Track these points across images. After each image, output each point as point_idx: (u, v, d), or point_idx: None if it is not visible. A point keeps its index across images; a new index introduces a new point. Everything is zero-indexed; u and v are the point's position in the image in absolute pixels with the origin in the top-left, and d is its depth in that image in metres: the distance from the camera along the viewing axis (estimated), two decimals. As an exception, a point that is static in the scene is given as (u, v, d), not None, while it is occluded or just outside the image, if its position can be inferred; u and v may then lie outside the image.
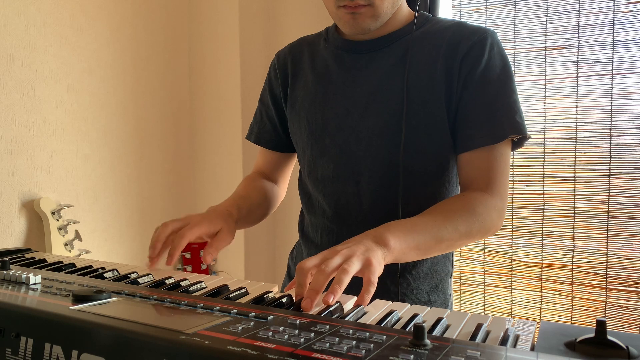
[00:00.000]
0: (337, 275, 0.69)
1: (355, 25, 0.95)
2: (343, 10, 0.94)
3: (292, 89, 1.10)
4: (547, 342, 0.51)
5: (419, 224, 0.85)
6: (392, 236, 0.79)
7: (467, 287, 2.22)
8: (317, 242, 1.07)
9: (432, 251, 0.88)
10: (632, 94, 1.89)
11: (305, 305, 0.66)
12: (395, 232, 0.80)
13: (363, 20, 0.94)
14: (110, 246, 2.17)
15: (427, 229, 0.85)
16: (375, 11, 0.94)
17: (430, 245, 0.85)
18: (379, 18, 0.95)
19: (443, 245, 0.87)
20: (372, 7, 0.93)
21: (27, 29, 1.84)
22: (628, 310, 1.93)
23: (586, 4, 1.95)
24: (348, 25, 0.96)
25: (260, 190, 1.15)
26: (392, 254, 0.78)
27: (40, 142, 1.89)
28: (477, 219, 0.89)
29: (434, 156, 0.97)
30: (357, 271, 0.71)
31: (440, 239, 0.86)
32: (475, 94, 0.94)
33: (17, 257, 0.98)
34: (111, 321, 0.56)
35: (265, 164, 1.21)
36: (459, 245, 0.91)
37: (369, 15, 0.94)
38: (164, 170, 2.41)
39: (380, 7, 0.93)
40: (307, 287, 0.69)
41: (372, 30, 0.97)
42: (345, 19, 0.95)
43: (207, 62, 2.48)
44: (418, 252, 0.84)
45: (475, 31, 0.96)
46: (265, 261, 2.53)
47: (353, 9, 0.93)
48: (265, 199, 1.15)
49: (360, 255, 0.72)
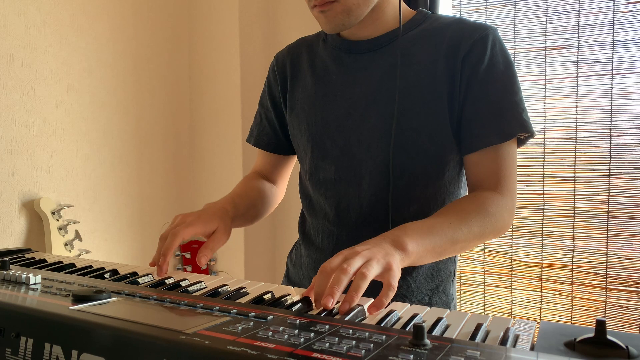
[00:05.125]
0: (355, 281, 0.68)
1: (328, 22, 0.94)
2: (315, 10, 0.94)
3: (291, 91, 1.09)
4: (546, 342, 0.51)
5: (435, 226, 0.84)
6: (410, 240, 0.78)
7: (467, 287, 2.22)
8: (319, 244, 1.06)
9: (446, 253, 0.87)
10: (632, 94, 1.89)
11: (326, 302, 0.65)
12: (412, 235, 0.80)
13: (335, 17, 0.93)
14: (110, 246, 2.17)
15: (443, 230, 0.84)
16: (344, 5, 0.92)
17: (446, 248, 0.85)
18: (352, 12, 0.93)
19: (457, 247, 0.87)
20: (339, 2, 0.92)
21: (27, 29, 1.84)
22: (628, 310, 1.93)
23: (586, 4, 1.95)
24: (323, 24, 0.96)
25: (257, 189, 1.14)
26: (409, 258, 0.78)
27: (40, 142, 1.89)
28: (490, 220, 0.89)
29: (435, 157, 0.96)
30: (377, 275, 0.71)
31: (456, 240, 0.85)
32: (480, 93, 0.93)
33: (17, 257, 0.98)
34: (111, 321, 0.56)
35: (264, 165, 1.20)
36: (472, 246, 0.91)
37: (339, 11, 0.92)
38: (164, 170, 2.41)
39: (348, 1, 0.92)
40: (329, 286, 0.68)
41: (349, 26, 0.95)
42: (320, 18, 0.95)
43: (207, 62, 2.48)
44: (434, 254, 0.84)
45: (476, 28, 0.95)
46: (265, 261, 2.53)
47: (321, 7, 0.93)
48: (262, 198, 1.15)
49: (381, 259, 0.72)
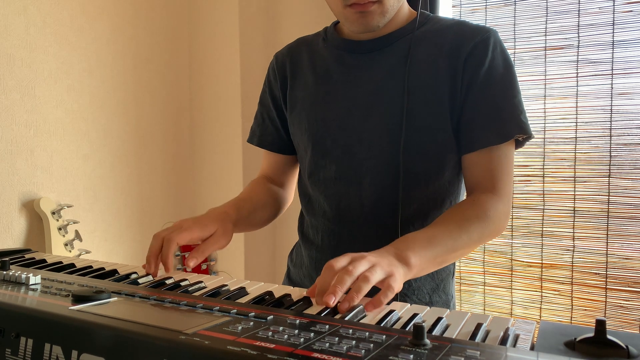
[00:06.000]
0: (358, 282, 0.69)
1: (365, 23, 0.95)
2: (351, 9, 0.93)
3: (291, 90, 1.09)
4: (546, 341, 0.51)
5: (436, 237, 0.86)
6: (413, 254, 0.80)
7: (467, 287, 2.22)
8: (318, 244, 1.06)
9: (446, 262, 0.90)
10: (632, 94, 1.89)
11: (328, 299, 0.66)
12: (414, 249, 0.81)
13: (372, 18, 0.94)
14: (110, 246, 2.17)
15: (444, 240, 0.86)
16: (384, 8, 0.93)
17: (446, 258, 0.87)
18: (387, 14, 0.95)
19: (457, 254, 0.89)
20: (381, 3, 0.93)
21: (27, 29, 1.84)
22: (628, 310, 1.93)
23: (586, 4, 1.94)
24: (356, 24, 0.95)
25: (264, 193, 1.13)
26: (412, 272, 0.79)
27: (40, 142, 1.89)
28: (488, 224, 0.90)
29: (436, 157, 0.97)
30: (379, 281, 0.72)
31: (455, 249, 0.87)
32: (480, 94, 0.94)
33: (17, 258, 0.98)
34: (111, 321, 0.56)
35: (270, 168, 1.19)
36: (470, 251, 0.93)
37: (378, 12, 0.94)
38: (164, 170, 2.41)
39: (388, 3, 0.93)
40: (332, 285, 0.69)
41: (380, 28, 0.97)
42: (354, 17, 0.94)
43: (207, 62, 2.48)
44: (435, 264, 0.86)
45: (477, 31, 0.96)
46: (265, 261, 2.53)
47: (363, 7, 0.93)
48: (269, 201, 1.13)
49: (385, 267, 0.74)
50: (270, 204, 1.14)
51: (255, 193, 1.12)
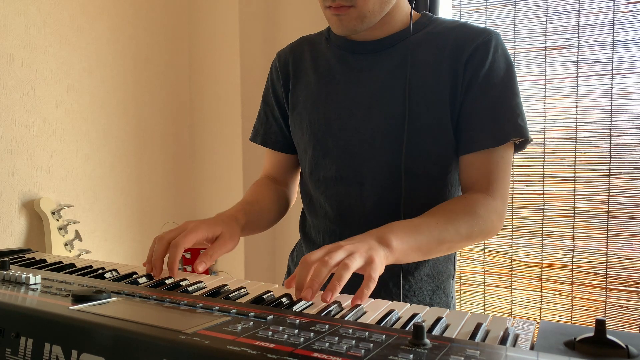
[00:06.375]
0: (338, 270, 0.69)
1: (342, 26, 0.94)
2: (329, 11, 0.94)
3: (293, 88, 1.09)
4: (546, 341, 0.51)
5: (422, 225, 0.85)
6: (395, 237, 0.79)
7: (467, 287, 2.22)
8: (319, 244, 1.06)
9: (433, 253, 0.88)
10: (632, 94, 1.89)
11: (306, 294, 0.67)
12: (397, 233, 0.80)
13: (349, 22, 0.93)
14: (110, 246, 2.17)
15: (429, 230, 0.85)
16: (360, 12, 0.92)
17: (432, 247, 0.86)
18: (365, 19, 0.94)
19: (444, 247, 0.88)
20: (356, 8, 0.92)
21: (27, 29, 1.85)
22: (628, 310, 1.93)
23: (586, 4, 1.95)
24: (334, 26, 0.96)
25: (270, 194, 1.12)
26: (393, 254, 0.79)
27: (40, 142, 1.89)
28: (478, 222, 0.90)
29: (437, 158, 0.97)
30: (359, 268, 0.71)
31: (442, 240, 0.86)
32: (479, 96, 0.94)
33: (17, 257, 0.98)
34: (111, 321, 0.56)
35: (273, 167, 1.18)
36: (459, 247, 0.92)
37: (354, 16, 0.93)
38: (164, 170, 2.41)
39: (365, 8, 0.92)
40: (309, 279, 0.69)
41: (360, 31, 0.96)
42: (332, 20, 0.95)
43: (207, 62, 2.48)
44: (419, 253, 0.85)
45: (479, 33, 0.96)
46: (265, 261, 2.53)
47: (336, 10, 0.92)
48: (276, 203, 1.12)
49: (364, 253, 0.73)
50: (277, 205, 1.13)
51: (262, 195, 1.11)
